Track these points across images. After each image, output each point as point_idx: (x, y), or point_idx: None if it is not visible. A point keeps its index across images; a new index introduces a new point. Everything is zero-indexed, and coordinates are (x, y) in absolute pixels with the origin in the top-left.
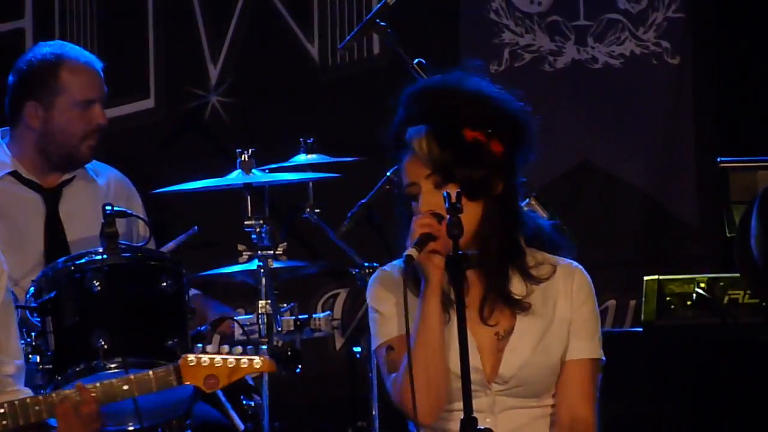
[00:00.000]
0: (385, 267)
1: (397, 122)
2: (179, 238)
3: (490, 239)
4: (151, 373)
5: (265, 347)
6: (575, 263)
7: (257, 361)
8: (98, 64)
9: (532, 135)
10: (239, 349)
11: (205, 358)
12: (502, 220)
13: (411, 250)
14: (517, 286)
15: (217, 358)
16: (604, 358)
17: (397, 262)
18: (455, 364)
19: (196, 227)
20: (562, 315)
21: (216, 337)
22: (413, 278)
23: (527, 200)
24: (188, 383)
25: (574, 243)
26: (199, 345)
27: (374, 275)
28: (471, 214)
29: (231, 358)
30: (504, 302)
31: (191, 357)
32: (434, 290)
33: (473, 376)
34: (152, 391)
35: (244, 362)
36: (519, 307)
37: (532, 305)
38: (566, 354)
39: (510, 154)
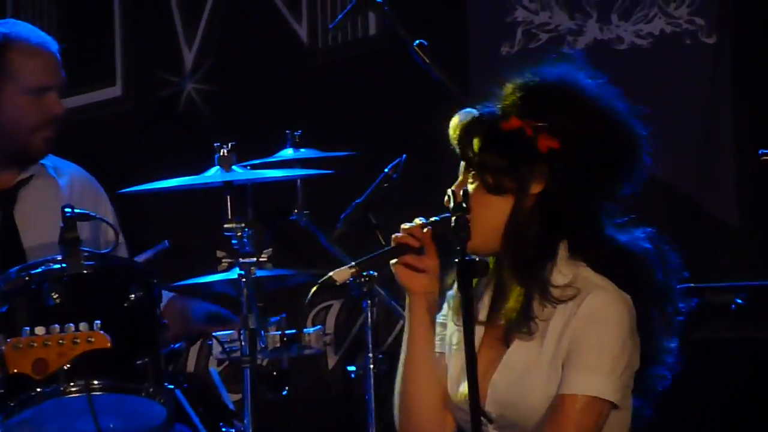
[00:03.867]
0: None
1: None
2: (147, 253)
3: (518, 242)
4: None
5: (178, 345)
6: (607, 288)
7: (90, 336)
8: (54, 46)
9: (624, 154)
10: (71, 327)
11: (33, 340)
12: (536, 223)
13: (339, 271)
14: (534, 305)
15: (45, 338)
16: (612, 400)
17: None
18: (456, 393)
19: (166, 241)
20: (558, 346)
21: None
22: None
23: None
24: (15, 371)
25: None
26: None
27: None
28: (494, 209)
29: (61, 338)
30: (523, 321)
31: (18, 341)
32: (415, 315)
33: (466, 406)
34: None
35: (76, 340)
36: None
37: (528, 330)
38: (560, 386)
39: (568, 155)
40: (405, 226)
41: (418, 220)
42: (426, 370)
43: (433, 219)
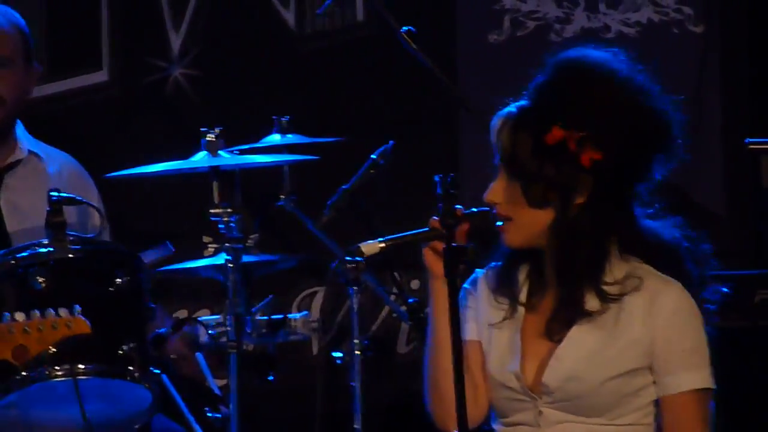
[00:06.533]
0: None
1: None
2: (150, 255)
3: (564, 249)
4: None
5: (163, 330)
6: (674, 282)
7: (69, 322)
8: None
9: (663, 146)
10: (51, 312)
11: (12, 326)
12: (582, 232)
13: (368, 244)
14: (591, 302)
15: (25, 324)
16: (714, 387)
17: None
18: (502, 373)
19: (169, 244)
20: (635, 335)
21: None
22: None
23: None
24: None
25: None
26: None
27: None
28: (537, 218)
29: (40, 323)
30: (575, 315)
31: None
32: (437, 298)
33: (515, 384)
34: None
35: (55, 326)
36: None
37: (594, 314)
38: (668, 387)
39: (612, 164)
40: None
41: (457, 208)
42: (442, 352)
43: (471, 210)
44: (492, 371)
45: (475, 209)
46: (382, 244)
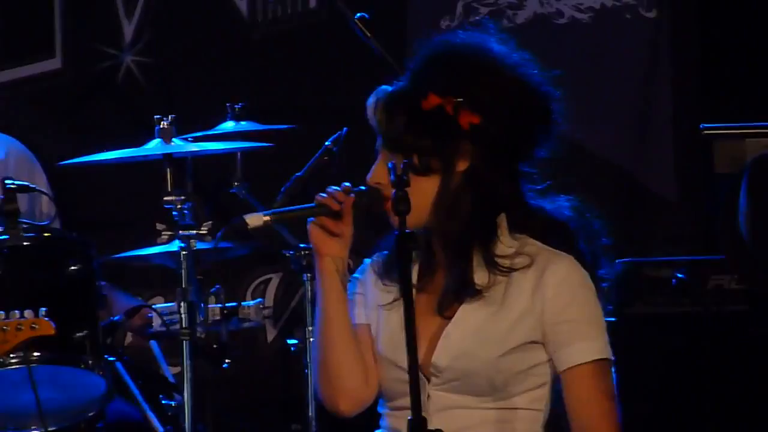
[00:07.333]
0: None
1: None
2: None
3: (449, 220)
4: None
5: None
6: (564, 255)
7: (34, 323)
8: None
9: (541, 118)
10: (16, 314)
11: None
12: (467, 200)
13: (253, 216)
14: (480, 275)
15: None
16: (613, 357)
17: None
18: (394, 353)
19: None
20: (524, 308)
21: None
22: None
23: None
24: None
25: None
26: None
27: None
28: (422, 189)
29: (5, 324)
30: (464, 291)
31: None
32: (325, 277)
33: (405, 365)
34: None
35: (20, 327)
36: (457, 299)
37: (482, 290)
38: (564, 361)
39: (491, 129)
40: (330, 189)
41: (345, 185)
42: (343, 333)
43: (359, 188)
44: (383, 351)
45: (363, 187)
46: (267, 218)
